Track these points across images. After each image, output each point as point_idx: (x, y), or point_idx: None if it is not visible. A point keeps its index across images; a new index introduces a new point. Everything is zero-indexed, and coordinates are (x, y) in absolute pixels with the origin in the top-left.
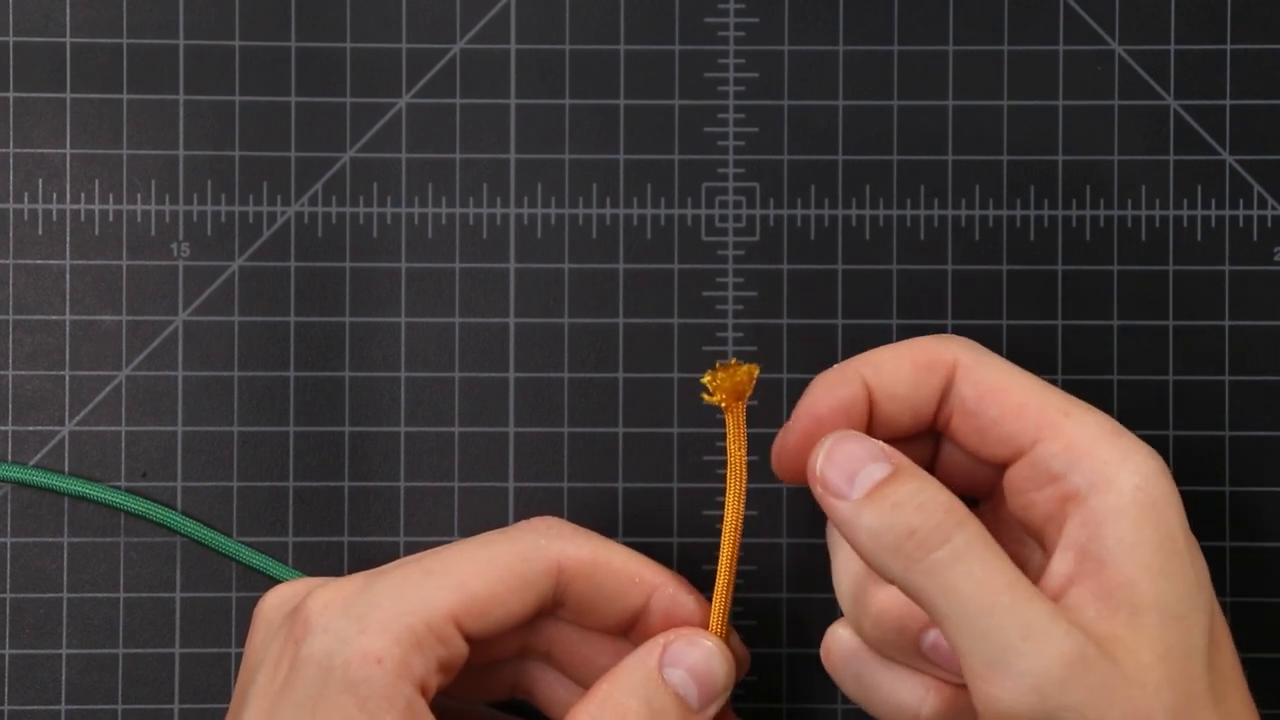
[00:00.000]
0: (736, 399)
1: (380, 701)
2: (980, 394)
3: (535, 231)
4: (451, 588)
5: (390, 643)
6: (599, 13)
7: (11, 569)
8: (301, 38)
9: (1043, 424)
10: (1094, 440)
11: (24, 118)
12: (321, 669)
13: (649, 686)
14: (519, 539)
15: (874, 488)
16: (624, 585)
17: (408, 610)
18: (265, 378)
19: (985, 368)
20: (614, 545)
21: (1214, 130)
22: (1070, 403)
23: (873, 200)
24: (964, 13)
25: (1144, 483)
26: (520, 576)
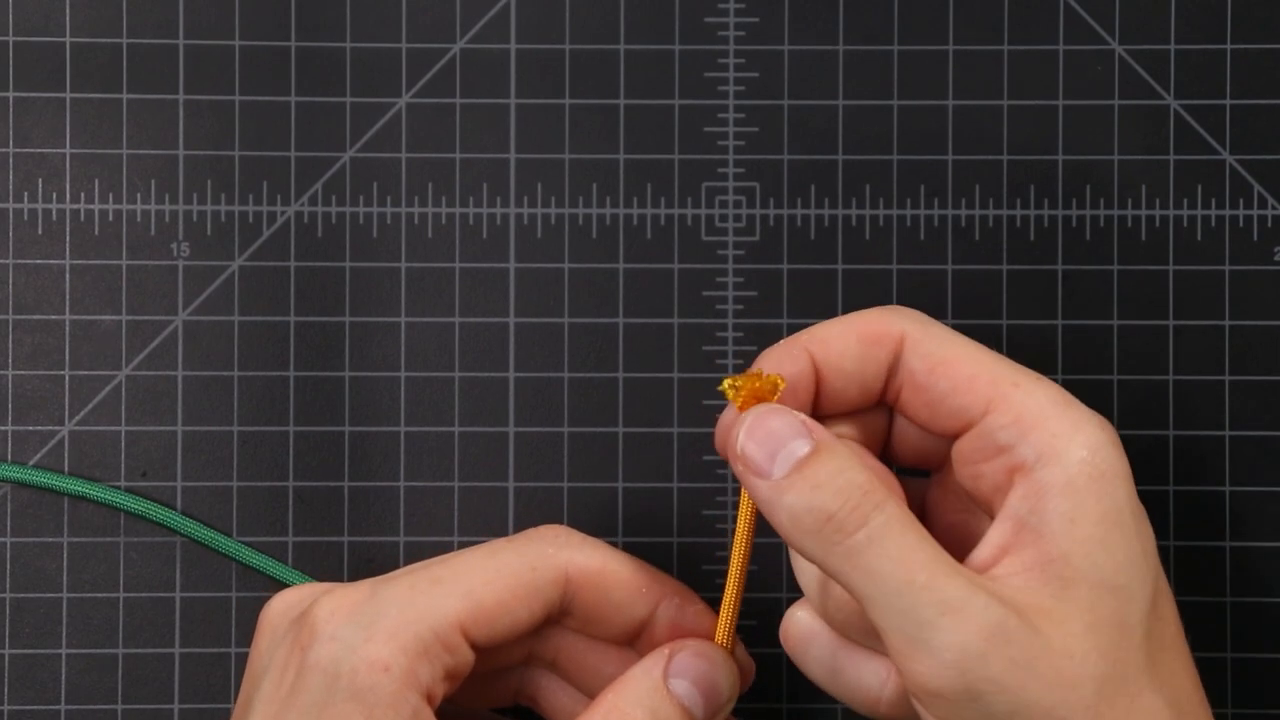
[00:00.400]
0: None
1: (386, 710)
2: (929, 367)
3: (535, 231)
4: (459, 596)
5: (397, 651)
6: (599, 13)
7: (11, 569)
8: (301, 38)
9: (992, 396)
10: (1043, 412)
11: (24, 117)
12: (328, 676)
13: (654, 697)
14: (527, 548)
15: (794, 467)
16: (631, 595)
17: (415, 618)
18: (265, 378)
19: (933, 340)
20: (622, 555)
21: (1214, 130)
22: (1020, 374)
23: (873, 200)
24: (964, 13)
25: (1091, 455)
26: (528, 585)
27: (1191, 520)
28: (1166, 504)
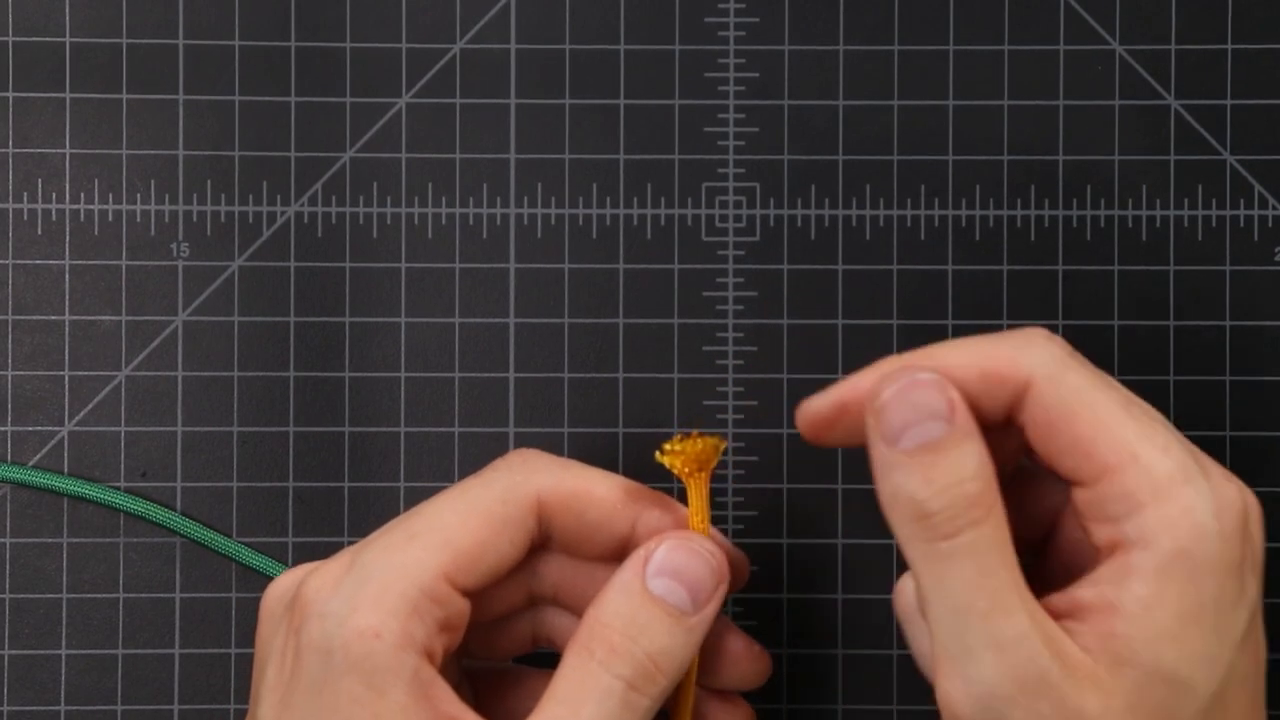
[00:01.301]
0: (699, 469)
1: (386, 675)
2: (1049, 420)
3: (535, 231)
4: (437, 547)
5: (386, 615)
6: (599, 13)
7: (11, 569)
8: (301, 38)
9: (1109, 465)
10: (1157, 491)
11: (24, 118)
12: (323, 653)
13: (631, 603)
14: (495, 481)
15: (918, 449)
16: (608, 512)
17: (398, 579)
18: (265, 378)
19: (1061, 390)
20: (594, 472)
21: (1215, 130)
22: (1145, 440)
23: (873, 200)
24: (964, 13)
25: (1191, 544)
26: (502, 519)
27: None
28: None
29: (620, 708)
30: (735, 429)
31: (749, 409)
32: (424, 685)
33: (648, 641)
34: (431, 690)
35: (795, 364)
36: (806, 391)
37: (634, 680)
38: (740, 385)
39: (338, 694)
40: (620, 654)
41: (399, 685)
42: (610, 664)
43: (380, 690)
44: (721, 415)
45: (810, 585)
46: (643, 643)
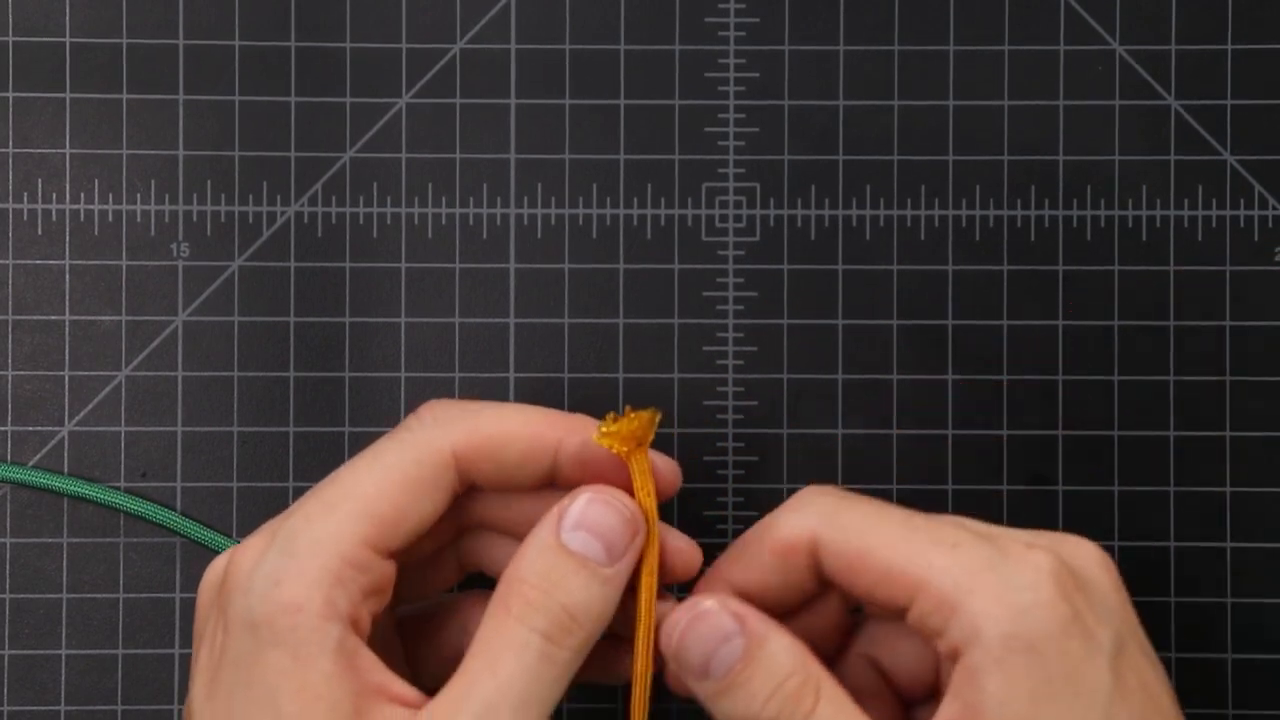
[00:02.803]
0: (637, 445)
1: (310, 647)
2: (846, 565)
3: (535, 231)
4: (355, 516)
5: (309, 587)
6: (599, 13)
7: (11, 569)
8: (301, 38)
9: (910, 585)
10: (961, 588)
11: (24, 118)
12: (248, 628)
13: (546, 558)
14: (408, 441)
15: (728, 672)
16: (526, 450)
17: (317, 551)
18: (265, 378)
19: (844, 534)
20: (509, 410)
21: (1215, 130)
22: (936, 549)
23: (873, 200)
24: (964, 13)
25: (1013, 627)
26: (419, 481)
27: (1191, 520)
28: (1167, 504)
29: (538, 660)
30: (735, 429)
31: (749, 409)
32: (349, 655)
33: (563, 594)
34: (356, 659)
35: (795, 364)
36: (807, 391)
37: (550, 632)
38: (740, 385)
39: (264, 667)
40: (536, 607)
41: (324, 656)
42: (526, 617)
43: (305, 661)
44: (721, 415)
45: None
46: (558, 595)
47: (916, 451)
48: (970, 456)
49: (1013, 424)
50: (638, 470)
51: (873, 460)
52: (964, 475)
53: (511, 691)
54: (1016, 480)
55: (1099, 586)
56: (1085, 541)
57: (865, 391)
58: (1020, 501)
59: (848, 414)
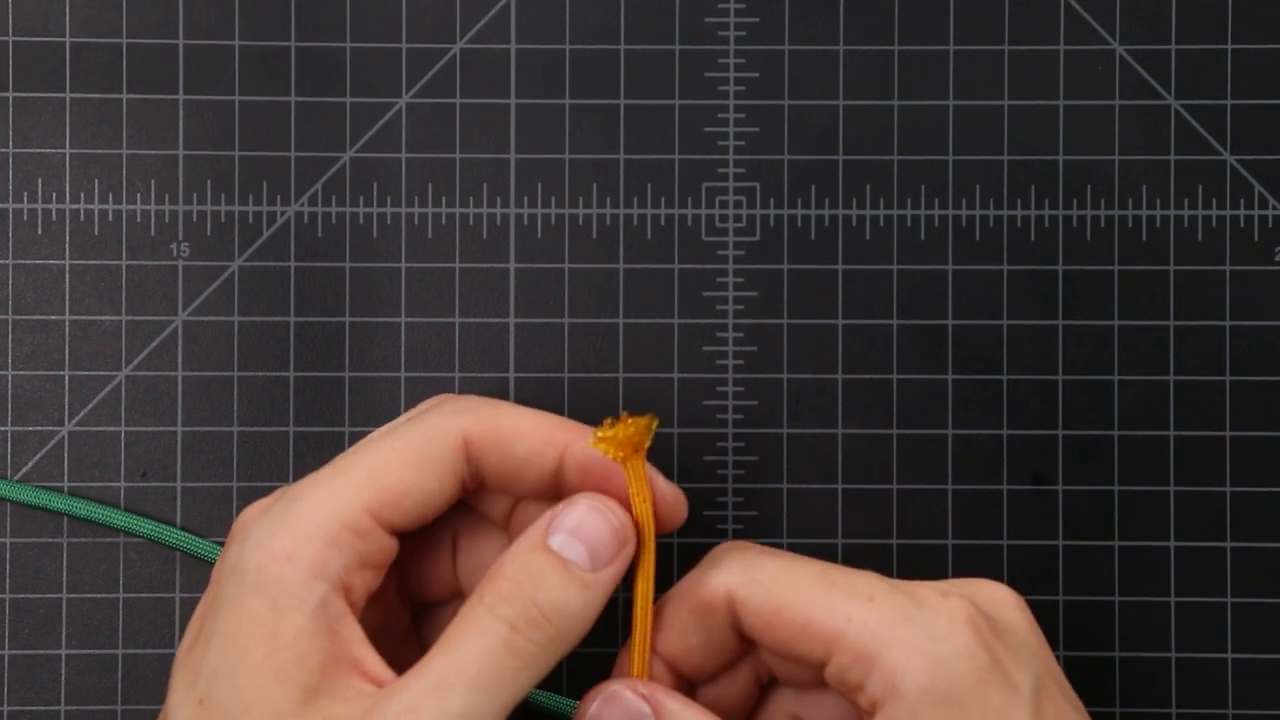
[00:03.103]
0: (633, 451)
1: (290, 599)
2: (764, 622)
3: (535, 231)
4: (360, 482)
5: (302, 541)
6: (599, 13)
7: (11, 569)
8: (301, 38)
9: (828, 639)
10: (879, 641)
11: (24, 118)
12: (237, 574)
13: (527, 555)
14: (423, 421)
15: None
16: (535, 446)
17: (318, 509)
18: (265, 378)
19: (761, 592)
20: (524, 410)
21: (1215, 130)
22: (854, 602)
23: (873, 200)
24: (964, 13)
25: (930, 679)
26: (427, 457)
27: (1191, 520)
28: (1167, 504)
29: (500, 646)
30: (735, 429)
31: (749, 409)
32: (331, 618)
33: (535, 589)
34: (338, 625)
35: (795, 364)
36: (807, 391)
37: (517, 623)
38: (740, 385)
39: (241, 611)
40: (507, 597)
41: (302, 610)
42: (495, 606)
43: (281, 611)
44: (721, 415)
45: None
46: (529, 589)
47: (916, 451)
48: (970, 456)
49: (1013, 424)
50: (634, 477)
51: (873, 460)
52: (964, 475)
53: (467, 671)
54: (1016, 480)
55: (1016, 629)
56: (998, 585)
57: (865, 391)
58: (1020, 501)
59: (848, 414)
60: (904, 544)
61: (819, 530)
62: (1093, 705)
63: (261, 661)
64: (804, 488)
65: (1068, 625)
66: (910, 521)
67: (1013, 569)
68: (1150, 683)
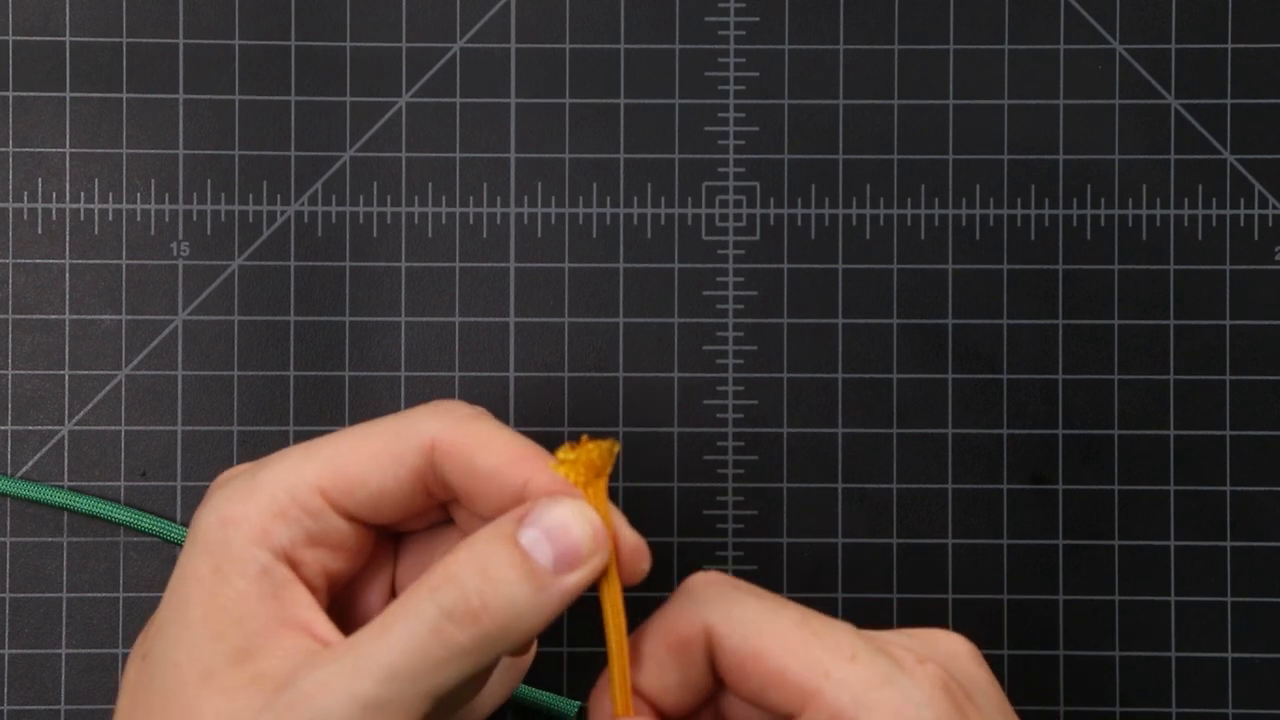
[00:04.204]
0: (595, 476)
1: (233, 564)
2: (739, 663)
3: (535, 231)
4: (318, 462)
5: (251, 510)
6: (599, 12)
7: (11, 569)
8: (301, 37)
9: (804, 692)
10: (859, 704)
11: (24, 117)
12: (192, 535)
13: (489, 545)
14: (400, 419)
15: None
16: (500, 462)
17: (273, 481)
18: (265, 377)
19: (740, 629)
20: (503, 430)
21: (1215, 129)
22: (832, 653)
23: (873, 200)
24: (964, 13)
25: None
26: (389, 452)
27: (1191, 520)
28: (1167, 504)
29: (428, 634)
30: (735, 429)
31: (749, 409)
32: (275, 584)
33: (484, 582)
34: (283, 591)
35: (795, 363)
36: (807, 391)
37: (452, 611)
38: (740, 385)
39: (187, 572)
40: (451, 583)
41: (243, 576)
42: (436, 590)
43: (223, 575)
44: (721, 415)
45: (811, 585)
46: (479, 582)
47: (916, 451)
48: (970, 456)
49: (1013, 424)
50: (595, 504)
51: (873, 460)
52: (964, 475)
53: (387, 657)
54: (1016, 480)
55: (979, 684)
56: (955, 636)
57: (865, 391)
58: (1020, 501)
59: (848, 414)
60: (904, 544)
61: (819, 530)
62: (1093, 705)
63: (199, 621)
64: (804, 488)
65: (1068, 625)
66: (910, 521)
67: (1013, 569)
68: (1150, 683)
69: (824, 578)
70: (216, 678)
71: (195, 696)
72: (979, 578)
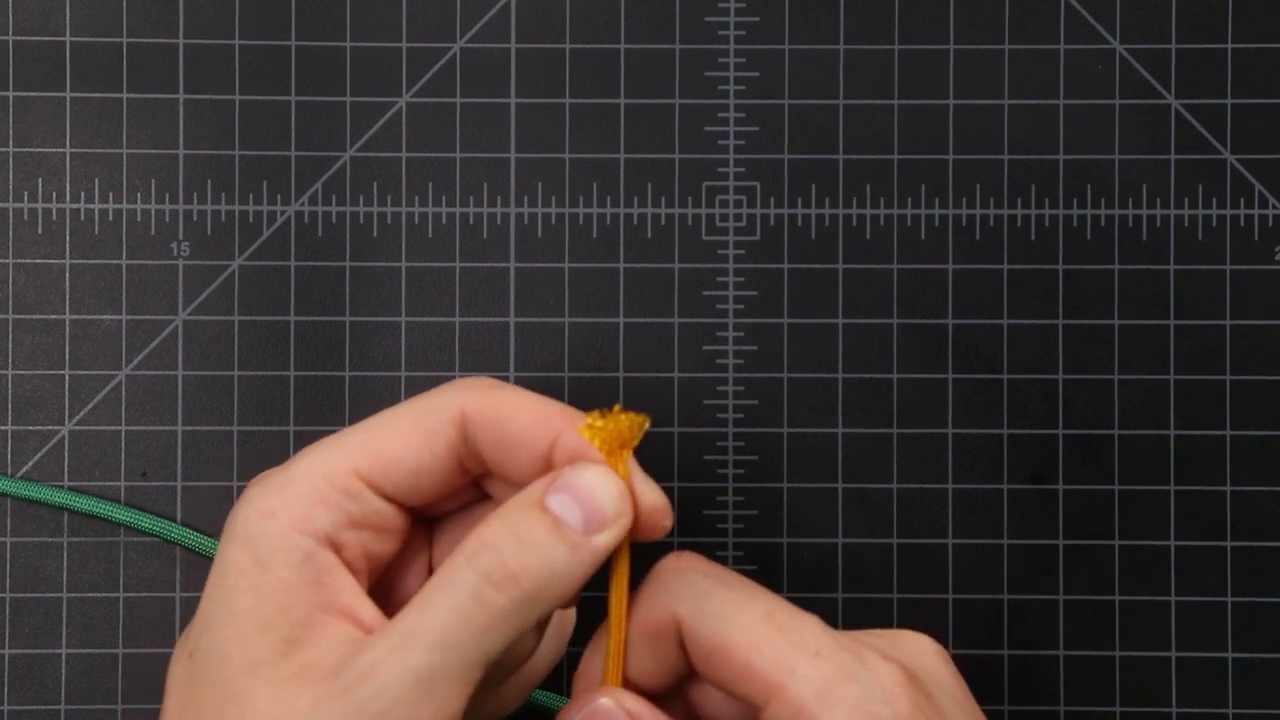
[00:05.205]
0: (620, 446)
1: (275, 553)
2: (706, 655)
3: (535, 231)
4: (354, 445)
5: (290, 499)
6: (599, 12)
7: (11, 569)
8: (301, 37)
9: (769, 686)
10: (822, 699)
11: (24, 117)
12: (228, 532)
13: (520, 512)
14: (430, 395)
15: None
16: (527, 427)
17: (309, 470)
18: (265, 377)
19: (706, 625)
20: (527, 393)
21: (1215, 129)
22: (797, 649)
23: (873, 199)
24: (964, 12)
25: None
26: (422, 428)
27: (1191, 520)
28: (1167, 504)
29: (470, 600)
30: (735, 429)
31: (749, 409)
32: (317, 570)
33: (517, 544)
34: (326, 577)
35: (795, 364)
36: (807, 391)
37: (490, 575)
38: (740, 385)
39: (227, 565)
40: (487, 549)
41: (286, 565)
42: (474, 558)
43: (265, 565)
44: (721, 415)
45: (811, 585)
46: (511, 545)
47: (916, 451)
48: (970, 456)
49: (1013, 424)
50: (619, 472)
51: (873, 460)
52: (964, 475)
53: (434, 626)
54: (1016, 480)
55: (943, 684)
56: (921, 636)
57: (865, 391)
58: (1020, 501)
59: (848, 414)
60: (904, 544)
61: (819, 530)
62: (1093, 705)
63: (244, 612)
64: (804, 488)
65: (1068, 625)
66: (910, 521)
67: (1013, 569)
68: (1150, 683)
69: (824, 578)
70: (266, 668)
71: (247, 688)
72: (979, 578)
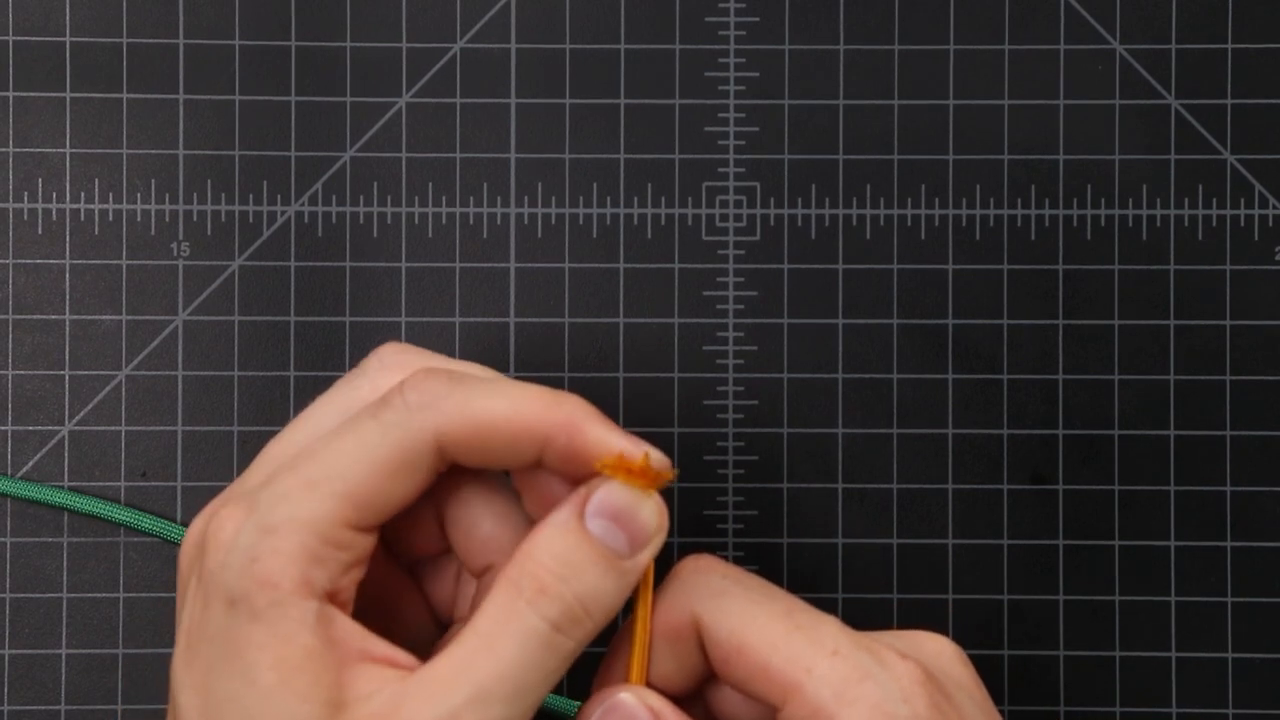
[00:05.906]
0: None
1: (289, 624)
2: (724, 656)
3: (535, 231)
4: (336, 497)
5: (286, 564)
6: (599, 12)
7: (11, 569)
8: (301, 37)
9: (786, 686)
10: (840, 698)
11: (24, 117)
12: (226, 604)
13: (566, 542)
14: (392, 423)
15: None
16: (510, 440)
17: (296, 529)
18: (265, 377)
19: (725, 626)
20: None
21: (1215, 129)
22: (814, 648)
23: (873, 200)
24: (964, 12)
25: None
26: (400, 464)
27: (1191, 520)
28: (1167, 504)
29: (542, 649)
30: (735, 429)
31: (749, 409)
32: (327, 626)
33: (578, 583)
34: (334, 630)
35: (795, 364)
36: (807, 391)
37: (560, 623)
38: (740, 385)
39: (242, 642)
40: (550, 595)
41: (303, 631)
42: (538, 604)
43: (284, 637)
44: (721, 415)
45: (811, 585)
46: (573, 584)
47: (916, 451)
48: (970, 457)
49: (1013, 424)
50: None
51: (873, 460)
52: (964, 475)
53: (510, 678)
54: (1016, 480)
55: (962, 686)
56: (940, 637)
57: (865, 391)
58: (1020, 501)
59: (848, 414)
60: (904, 544)
61: (819, 530)
62: (1093, 705)
63: (277, 687)
64: (804, 488)
65: (1068, 625)
66: (910, 521)
67: (1013, 569)
68: (1150, 683)
69: (824, 578)
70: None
71: None
72: (979, 578)
